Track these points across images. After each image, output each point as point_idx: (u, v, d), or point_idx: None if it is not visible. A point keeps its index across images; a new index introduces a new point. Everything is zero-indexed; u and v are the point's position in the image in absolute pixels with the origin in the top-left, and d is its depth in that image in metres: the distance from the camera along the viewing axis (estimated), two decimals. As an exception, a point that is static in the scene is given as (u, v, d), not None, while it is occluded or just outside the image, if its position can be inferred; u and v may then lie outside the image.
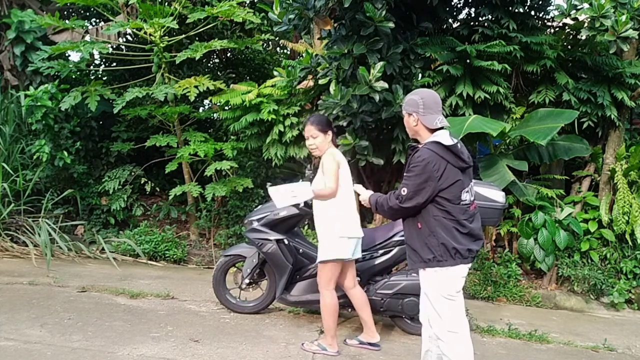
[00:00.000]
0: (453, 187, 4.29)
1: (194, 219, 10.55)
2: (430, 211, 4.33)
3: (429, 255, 4.33)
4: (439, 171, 4.23)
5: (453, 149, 4.33)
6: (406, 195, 4.30)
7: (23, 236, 9.70)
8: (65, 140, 10.41)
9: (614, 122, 8.82)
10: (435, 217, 4.32)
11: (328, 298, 5.79)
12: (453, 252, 4.30)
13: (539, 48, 8.37)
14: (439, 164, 4.24)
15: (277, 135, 8.75)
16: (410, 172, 4.31)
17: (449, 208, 4.31)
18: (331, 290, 5.81)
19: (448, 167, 4.28)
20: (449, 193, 4.28)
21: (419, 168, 4.24)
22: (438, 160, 4.25)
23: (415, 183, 4.26)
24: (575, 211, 8.81)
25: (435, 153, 4.26)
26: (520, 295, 8.42)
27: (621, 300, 8.27)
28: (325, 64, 8.20)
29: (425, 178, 4.22)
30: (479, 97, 8.22)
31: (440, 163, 4.25)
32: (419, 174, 4.24)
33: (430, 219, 4.33)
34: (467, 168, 4.43)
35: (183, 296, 7.67)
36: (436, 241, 4.30)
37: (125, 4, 9.80)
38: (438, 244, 4.30)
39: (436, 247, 4.30)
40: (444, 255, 4.29)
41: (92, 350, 5.54)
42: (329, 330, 5.86)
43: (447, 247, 4.28)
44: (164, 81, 9.75)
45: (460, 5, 9.36)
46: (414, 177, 4.27)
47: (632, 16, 7.76)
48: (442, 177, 4.24)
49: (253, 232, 6.61)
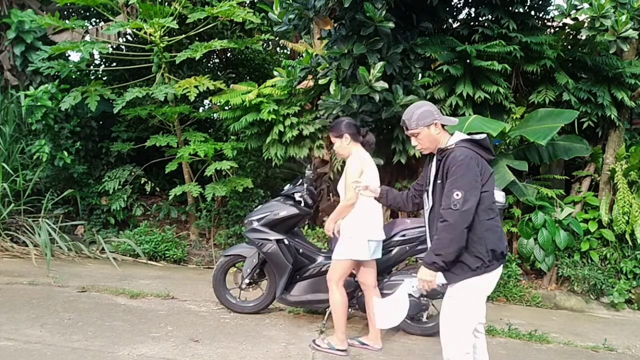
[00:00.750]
0: (490, 182, 4.15)
1: (194, 219, 10.56)
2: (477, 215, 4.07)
3: (477, 264, 4.09)
4: (479, 166, 4.10)
5: (484, 143, 4.24)
6: (463, 197, 3.96)
7: (23, 236, 9.71)
8: (65, 140, 10.42)
9: (614, 122, 8.83)
10: (481, 221, 4.08)
11: (337, 295, 5.83)
12: (499, 255, 4.16)
13: (539, 48, 8.38)
14: (476, 160, 4.10)
15: (277, 135, 8.75)
16: (456, 174, 4.04)
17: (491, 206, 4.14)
18: (341, 288, 5.86)
19: (482, 162, 4.16)
20: (488, 187, 4.12)
21: (464, 167, 4.03)
22: (475, 156, 4.12)
23: (466, 182, 4.01)
24: (575, 211, 8.81)
25: (471, 150, 4.14)
26: (520, 295, 8.43)
27: (621, 300, 8.27)
28: (325, 64, 8.22)
29: (473, 174, 4.03)
30: (479, 97, 8.23)
31: (477, 159, 4.12)
32: (466, 173, 4.02)
33: (477, 224, 4.07)
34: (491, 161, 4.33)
35: (183, 296, 7.69)
36: (485, 247, 4.08)
37: (125, 4, 9.81)
38: (487, 250, 4.08)
39: (485, 254, 4.08)
40: (492, 260, 4.11)
41: (92, 350, 5.55)
42: (338, 327, 5.87)
43: (496, 251, 4.12)
44: (164, 81, 9.76)
45: (460, 5, 9.39)
46: (462, 177, 4.02)
47: (632, 16, 7.77)
48: (482, 172, 4.10)
49: (253, 232, 6.62)
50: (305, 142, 8.92)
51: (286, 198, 6.75)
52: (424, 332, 6.57)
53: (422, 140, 4.37)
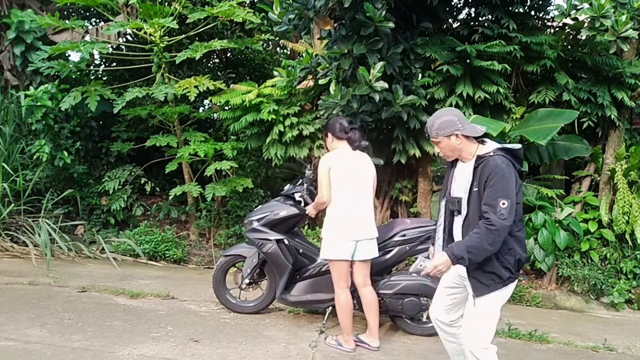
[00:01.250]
0: (520, 193, 4.15)
1: (194, 219, 10.58)
2: None
3: (507, 274, 4.12)
4: (513, 175, 4.06)
5: (518, 153, 4.23)
6: (507, 208, 3.93)
7: (23, 236, 9.74)
8: (65, 140, 10.44)
9: (614, 122, 8.83)
10: (511, 233, 4.07)
11: (341, 296, 5.88)
12: (521, 265, 4.21)
13: (539, 48, 8.36)
14: (511, 169, 4.07)
15: (277, 135, 8.77)
16: (499, 183, 4.00)
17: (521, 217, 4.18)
18: (343, 289, 5.90)
19: (515, 172, 4.12)
20: (519, 198, 4.10)
21: (507, 175, 4.02)
22: (510, 165, 4.09)
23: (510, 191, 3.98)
24: (575, 211, 8.82)
25: (507, 159, 4.11)
26: (520, 295, 8.43)
27: (621, 300, 8.26)
28: (325, 64, 8.23)
29: (512, 184, 4.00)
30: (479, 97, 8.22)
31: (511, 168, 4.09)
32: (509, 181, 4.01)
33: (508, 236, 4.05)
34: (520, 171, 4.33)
35: (183, 296, 7.71)
36: (513, 258, 4.12)
37: (125, 4, 9.83)
38: (515, 261, 4.13)
39: (513, 265, 4.12)
40: (517, 270, 4.18)
41: (92, 350, 5.57)
42: (344, 328, 5.94)
43: (522, 261, 4.17)
44: (164, 81, 9.77)
45: (460, 5, 9.37)
46: (503, 187, 3.98)
47: (632, 16, 7.75)
48: (516, 182, 4.07)
49: (253, 232, 6.64)
50: (305, 142, 8.93)
51: (286, 198, 6.76)
52: (424, 332, 6.57)
53: (443, 148, 4.39)
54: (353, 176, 5.87)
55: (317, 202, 6.05)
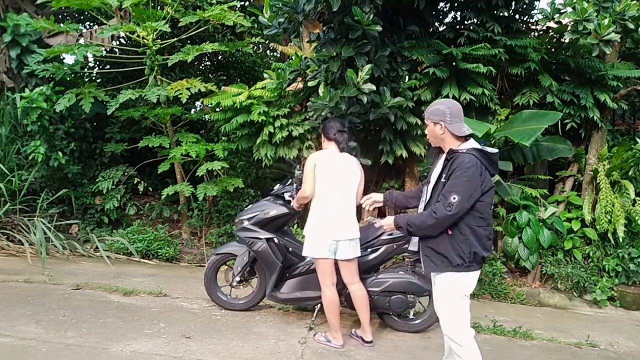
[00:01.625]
0: (489, 194, 4.42)
1: (185, 218, 10.65)
2: (465, 219, 4.39)
3: (459, 261, 4.41)
4: (482, 177, 4.34)
5: (494, 157, 4.49)
6: (457, 203, 4.26)
7: (19, 235, 9.82)
8: (60, 141, 10.51)
9: (597, 123, 8.92)
10: (469, 226, 4.40)
11: (327, 293, 5.98)
12: (480, 258, 4.46)
13: (523, 51, 8.44)
14: (481, 170, 4.34)
15: (267, 136, 8.81)
16: (459, 178, 4.30)
17: (484, 215, 4.42)
18: (329, 286, 5.99)
19: (486, 174, 4.39)
20: (487, 198, 4.41)
21: (469, 174, 4.29)
22: (480, 166, 4.35)
23: (467, 188, 4.28)
24: (559, 210, 8.92)
25: (478, 159, 4.36)
26: (505, 293, 8.52)
27: (604, 297, 8.38)
28: (314, 66, 8.29)
29: (474, 184, 4.29)
30: (464, 99, 8.27)
31: (482, 169, 4.35)
32: (469, 180, 4.29)
33: (465, 227, 4.40)
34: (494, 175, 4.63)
35: (175, 293, 7.78)
36: (468, 249, 4.39)
37: (119, 8, 9.79)
38: (470, 252, 4.40)
39: (467, 254, 4.40)
40: (472, 262, 4.42)
41: (86, 346, 5.65)
42: (331, 324, 6.04)
43: (478, 254, 4.42)
44: (156, 83, 9.82)
45: (446, 9, 9.39)
46: (465, 182, 4.29)
47: (615, 20, 7.87)
48: (483, 183, 4.34)
49: (244, 231, 6.72)
50: (294, 142, 8.98)
51: (276, 198, 6.84)
52: (411, 328, 6.66)
53: (428, 132, 4.72)
54: (337, 177, 5.99)
55: (300, 195, 6.17)
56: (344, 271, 6.11)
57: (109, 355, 5.49)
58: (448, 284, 4.53)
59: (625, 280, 8.58)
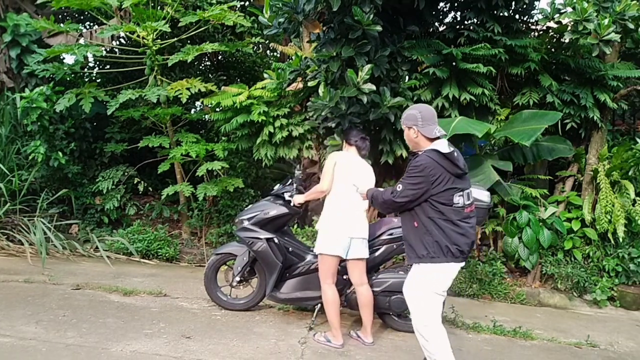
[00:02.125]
0: (446, 192, 4.65)
1: (185, 218, 10.65)
2: (425, 212, 4.71)
3: (423, 252, 4.71)
4: (435, 176, 4.61)
5: (449, 156, 4.70)
6: (400, 192, 4.72)
7: (19, 235, 9.81)
8: (60, 141, 10.52)
9: (597, 123, 8.92)
10: (430, 217, 4.69)
11: (327, 292, 6.00)
12: (445, 249, 4.66)
13: (523, 51, 8.45)
14: (435, 170, 4.62)
15: (267, 136, 8.83)
16: (408, 174, 4.71)
17: (442, 209, 4.67)
18: (330, 285, 6.02)
19: (443, 173, 4.64)
20: (442, 197, 4.65)
21: (416, 171, 4.65)
22: (435, 166, 4.63)
23: (410, 183, 4.67)
24: (559, 210, 8.91)
25: (433, 159, 4.65)
26: (505, 293, 8.52)
27: (603, 297, 8.38)
28: (314, 66, 8.31)
29: (420, 180, 4.63)
30: (464, 99, 8.31)
31: (437, 169, 4.63)
32: (414, 176, 4.65)
33: (426, 219, 4.71)
34: (463, 174, 4.80)
35: (175, 293, 7.78)
36: (431, 239, 4.68)
37: (119, 8, 9.81)
38: (432, 242, 4.67)
39: (430, 244, 4.68)
40: (437, 252, 4.66)
41: (86, 346, 5.64)
42: (332, 323, 6.04)
43: (440, 245, 4.65)
44: (156, 83, 9.82)
45: (446, 9, 9.41)
46: (410, 178, 4.68)
47: (615, 20, 7.89)
48: (437, 181, 4.61)
49: (244, 230, 6.72)
50: (294, 142, 9.01)
51: (276, 198, 6.84)
52: (411, 328, 6.39)
53: (405, 137, 5.07)
54: (355, 177, 6.07)
55: (317, 190, 6.26)
56: (354, 271, 6.15)
57: (109, 355, 5.49)
58: (415, 275, 4.84)
59: (625, 280, 8.57)
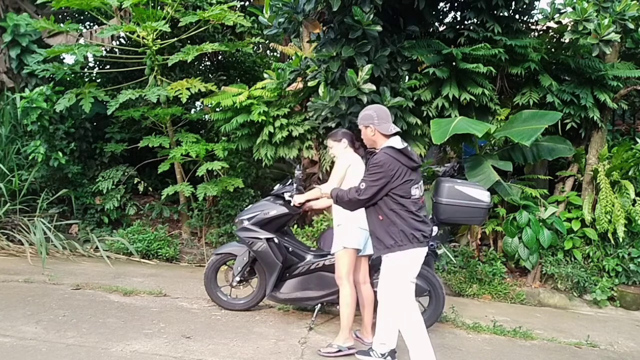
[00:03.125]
0: (405, 185, 5.03)
1: (185, 218, 10.65)
2: (388, 205, 5.07)
3: (391, 242, 5.04)
4: (393, 171, 5.00)
5: (404, 151, 5.10)
6: (363, 190, 5.04)
7: (19, 235, 9.83)
8: (60, 141, 10.52)
9: (597, 123, 8.93)
10: (392, 210, 5.06)
11: (348, 289, 5.85)
12: (411, 237, 5.01)
13: (523, 51, 8.46)
14: (393, 165, 5.01)
15: (267, 136, 8.83)
16: (369, 171, 5.07)
17: (402, 202, 5.03)
18: (351, 282, 5.90)
19: (400, 168, 5.03)
20: (401, 190, 5.02)
21: (376, 168, 5.00)
22: (392, 161, 5.02)
23: (372, 180, 5.01)
24: (559, 210, 8.92)
25: (390, 155, 5.04)
26: (505, 293, 8.52)
27: (604, 297, 8.39)
28: (314, 66, 8.31)
29: (380, 176, 4.98)
30: (464, 99, 8.32)
31: (394, 164, 5.01)
32: (375, 173, 5.00)
33: (389, 211, 5.07)
34: (417, 167, 5.19)
35: (175, 293, 7.77)
36: (396, 229, 5.03)
37: (119, 8, 9.83)
38: (398, 231, 5.02)
39: (397, 234, 5.03)
40: (404, 240, 5.01)
41: (86, 346, 5.63)
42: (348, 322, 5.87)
43: (406, 233, 5.01)
44: (156, 83, 9.84)
45: (447, 9, 9.41)
46: (371, 175, 5.03)
47: (614, 20, 7.89)
48: (395, 175, 5.00)
49: (244, 230, 6.70)
50: (294, 142, 9.01)
51: (276, 198, 6.82)
52: None
53: (363, 137, 5.43)
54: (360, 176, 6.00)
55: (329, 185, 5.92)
56: (361, 269, 6.13)
57: (109, 355, 5.48)
58: (386, 265, 5.15)
59: (625, 280, 8.59)
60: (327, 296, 6.51)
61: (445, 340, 6.41)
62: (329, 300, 6.52)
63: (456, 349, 6.25)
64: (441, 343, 6.15)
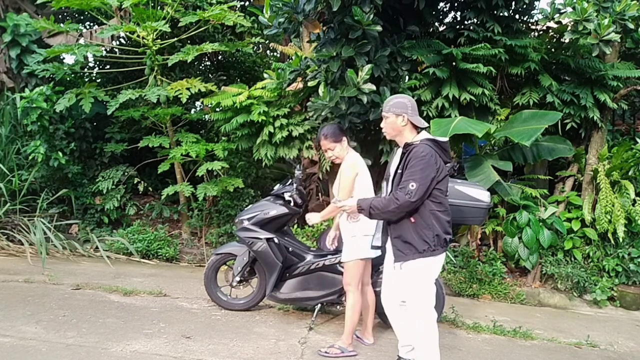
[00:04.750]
0: (445, 181, 4.73)
1: (185, 218, 10.66)
2: (427, 206, 4.69)
3: (424, 247, 4.68)
4: (437, 164, 4.66)
5: (444, 145, 4.81)
6: (416, 190, 4.55)
7: (19, 235, 9.83)
8: (60, 141, 10.53)
9: (597, 123, 8.95)
10: (431, 211, 4.69)
11: (357, 297, 5.83)
12: (443, 242, 4.73)
13: (523, 51, 8.47)
14: (436, 158, 4.67)
15: (267, 136, 8.82)
16: (415, 167, 4.61)
17: (441, 200, 4.73)
18: (359, 289, 5.88)
19: (440, 162, 4.71)
20: (443, 185, 4.72)
21: (424, 162, 4.60)
22: (435, 155, 4.68)
23: (422, 176, 4.58)
24: (559, 210, 8.93)
25: (433, 149, 4.69)
26: (505, 293, 8.52)
27: (603, 297, 8.39)
28: (314, 66, 8.30)
29: (429, 171, 4.60)
30: (464, 99, 8.33)
31: (437, 158, 4.69)
32: (424, 168, 4.59)
33: (427, 212, 4.69)
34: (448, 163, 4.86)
35: (175, 293, 7.77)
36: (432, 233, 4.68)
37: (119, 8, 9.84)
38: (433, 236, 4.68)
39: (432, 239, 4.68)
40: (437, 245, 4.70)
41: (86, 346, 5.63)
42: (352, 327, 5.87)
43: (440, 237, 4.71)
44: (156, 83, 9.84)
45: (447, 9, 9.43)
46: (419, 171, 4.59)
47: (614, 20, 7.90)
48: (439, 170, 4.66)
49: (244, 230, 6.71)
50: (294, 142, 8.99)
51: (276, 198, 6.83)
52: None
53: (387, 125, 5.00)
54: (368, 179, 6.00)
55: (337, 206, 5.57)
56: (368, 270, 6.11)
57: (109, 355, 5.48)
58: (416, 270, 4.76)
59: (625, 280, 8.59)
60: (327, 296, 6.50)
61: (445, 340, 6.39)
62: (329, 300, 6.52)
63: (456, 349, 6.25)
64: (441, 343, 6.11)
